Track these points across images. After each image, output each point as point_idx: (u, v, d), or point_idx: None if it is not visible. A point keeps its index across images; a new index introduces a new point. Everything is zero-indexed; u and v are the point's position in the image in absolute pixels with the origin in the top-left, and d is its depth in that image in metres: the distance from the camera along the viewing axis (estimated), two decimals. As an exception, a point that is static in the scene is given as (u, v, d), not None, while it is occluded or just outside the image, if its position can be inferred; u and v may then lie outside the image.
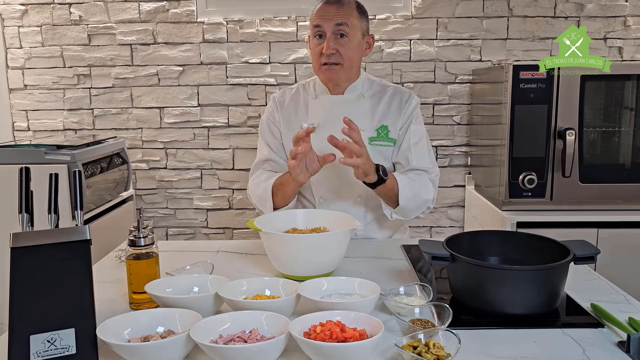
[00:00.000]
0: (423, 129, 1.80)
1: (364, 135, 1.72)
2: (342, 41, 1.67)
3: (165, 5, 2.80)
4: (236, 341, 0.96)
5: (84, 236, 1.02)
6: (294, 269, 1.34)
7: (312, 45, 1.72)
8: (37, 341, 0.95)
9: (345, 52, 1.68)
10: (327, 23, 1.67)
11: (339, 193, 1.76)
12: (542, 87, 2.19)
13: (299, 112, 1.80)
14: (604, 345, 1.01)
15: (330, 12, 1.67)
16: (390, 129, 1.75)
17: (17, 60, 2.88)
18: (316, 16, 1.70)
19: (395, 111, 1.76)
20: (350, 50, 1.69)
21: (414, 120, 1.77)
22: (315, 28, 1.69)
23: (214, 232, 3.00)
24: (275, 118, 1.83)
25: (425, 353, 0.92)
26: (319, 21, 1.68)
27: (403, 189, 1.64)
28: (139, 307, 1.19)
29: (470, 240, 1.34)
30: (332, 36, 1.66)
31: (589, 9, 2.75)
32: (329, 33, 1.67)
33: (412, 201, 1.66)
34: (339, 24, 1.66)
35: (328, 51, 1.66)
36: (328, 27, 1.67)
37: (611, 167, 2.33)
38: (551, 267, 1.12)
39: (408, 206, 1.67)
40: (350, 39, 1.68)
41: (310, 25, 1.73)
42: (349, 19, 1.68)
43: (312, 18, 1.71)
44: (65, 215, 1.87)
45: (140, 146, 2.93)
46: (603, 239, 2.22)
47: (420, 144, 1.76)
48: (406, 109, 1.77)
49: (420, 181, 1.70)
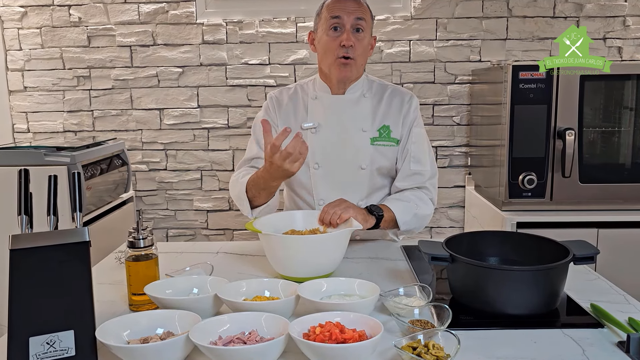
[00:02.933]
0: (423, 131, 1.79)
1: (365, 136, 1.72)
2: (359, 36, 1.65)
3: (165, 6, 2.80)
4: (235, 342, 0.96)
5: (83, 238, 1.03)
6: (293, 270, 1.34)
7: (326, 39, 1.66)
8: (36, 343, 0.95)
9: (360, 48, 1.66)
10: (348, 15, 1.63)
11: (340, 196, 1.75)
12: (542, 88, 2.19)
13: (297, 113, 1.78)
14: (603, 345, 1.01)
15: (349, 5, 1.64)
16: (392, 129, 1.74)
17: (16, 62, 2.88)
18: (334, 7, 1.65)
19: (396, 111, 1.75)
20: (364, 46, 1.68)
21: (414, 123, 1.76)
22: (333, 19, 1.64)
23: (214, 234, 3.00)
24: (272, 117, 1.79)
25: (424, 354, 0.91)
26: (339, 12, 1.63)
27: (400, 216, 1.63)
28: (138, 308, 1.19)
29: (470, 240, 1.34)
30: (350, 29, 1.63)
31: (588, 9, 2.75)
32: (348, 25, 1.63)
33: (412, 223, 1.67)
34: (359, 18, 1.64)
35: (349, 43, 1.62)
36: (348, 20, 1.63)
37: (611, 167, 2.33)
38: (551, 268, 1.12)
39: (410, 227, 1.68)
40: (365, 35, 1.67)
41: (324, 17, 1.67)
42: (366, 14, 1.66)
43: (328, 9, 1.66)
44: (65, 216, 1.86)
45: (140, 147, 2.93)
46: (603, 239, 2.21)
47: (421, 147, 1.75)
48: (407, 111, 1.75)
49: (416, 200, 1.69)
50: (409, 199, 1.69)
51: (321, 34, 1.69)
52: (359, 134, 1.72)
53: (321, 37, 1.69)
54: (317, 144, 1.72)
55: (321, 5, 1.72)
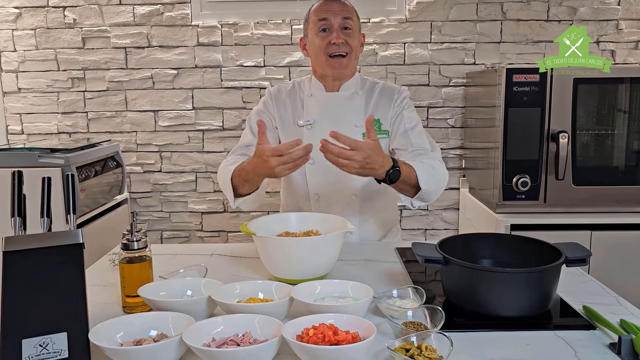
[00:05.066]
0: (417, 116, 1.82)
1: (358, 132, 1.76)
2: (348, 32, 1.72)
3: (160, 8, 2.80)
4: (229, 344, 0.96)
5: (77, 240, 1.02)
6: (287, 272, 1.34)
7: (317, 40, 1.73)
8: (29, 345, 0.95)
9: (352, 43, 1.72)
10: (334, 16, 1.71)
11: (334, 190, 1.77)
12: (536, 90, 2.20)
13: (294, 109, 1.83)
14: (595, 347, 1.02)
15: (335, 7, 1.72)
16: (382, 121, 1.79)
17: (11, 63, 2.87)
18: (320, 10, 1.73)
19: (385, 104, 1.80)
20: (356, 41, 1.74)
21: (405, 107, 1.80)
22: (321, 22, 1.72)
23: (209, 236, 2.99)
24: (270, 109, 1.85)
25: (417, 356, 0.92)
26: (326, 14, 1.71)
27: (420, 173, 1.56)
28: (132, 310, 1.19)
29: (463, 242, 1.34)
30: (339, 28, 1.70)
31: (581, 12, 2.76)
32: (336, 25, 1.70)
33: (431, 183, 1.59)
34: (346, 18, 1.71)
35: (339, 40, 1.69)
36: (335, 20, 1.71)
37: (604, 170, 2.34)
38: (543, 270, 1.13)
39: (429, 189, 1.59)
40: (353, 32, 1.73)
41: (312, 21, 1.74)
42: (352, 14, 1.74)
43: (315, 13, 1.74)
44: (59, 218, 1.86)
45: (135, 149, 2.93)
46: (596, 242, 2.23)
47: (417, 128, 1.79)
48: (396, 100, 1.80)
49: (431, 161, 1.65)
50: (424, 161, 1.63)
51: (312, 38, 1.75)
52: (352, 130, 1.75)
53: (312, 41, 1.76)
54: (312, 140, 1.72)
55: (308, 11, 1.79)
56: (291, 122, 1.81)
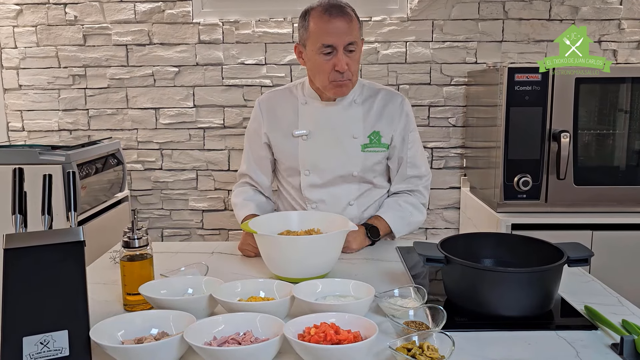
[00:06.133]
0: (417, 135, 1.82)
1: (356, 143, 1.72)
2: (351, 56, 1.61)
3: (161, 5, 2.80)
4: (230, 343, 0.96)
5: (78, 237, 1.02)
6: (288, 271, 1.34)
7: (319, 60, 1.61)
8: (30, 343, 0.95)
9: (353, 68, 1.63)
10: (340, 41, 1.58)
11: (331, 199, 1.76)
12: (537, 90, 2.20)
13: (288, 116, 1.76)
14: (597, 347, 1.02)
15: (341, 28, 1.58)
16: (382, 134, 1.74)
17: (11, 60, 2.87)
18: (325, 34, 1.58)
19: (387, 117, 1.75)
20: (357, 64, 1.66)
21: (410, 128, 1.78)
22: (326, 47, 1.59)
23: (210, 234, 2.99)
24: (259, 128, 1.79)
25: (419, 355, 0.92)
26: (332, 40, 1.58)
27: (395, 226, 1.72)
28: (132, 308, 1.19)
29: (465, 242, 1.34)
30: (343, 52, 1.59)
31: (583, 12, 2.76)
32: (340, 49, 1.59)
33: (406, 229, 1.76)
34: (351, 43, 1.59)
35: (344, 68, 1.59)
36: (340, 45, 1.58)
37: (605, 170, 2.34)
38: (545, 270, 1.13)
39: (404, 233, 1.77)
40: (357, 53, 1.63)
41: (314, 38, 1.60)
42: (356, 33, 1.61)
43: (319, 32, 1.59)
44: (60, 216, 1.86)
45: (136, 147, 2.93)
46: (597, 241, 2.22)
47: (417, 152, 1.80)
48: (400, 116, 1.75)
49: (410, 208, 1.77)
50: (404, 208, 1.76)
51: (312, 54, 1.63)
52: (349, 141, 1.72)
53: (312, 56, 1.64)
54: (308, 151, 1.72)
55: (307, 17, 1.64)
56: (285, 129, 1.74)
